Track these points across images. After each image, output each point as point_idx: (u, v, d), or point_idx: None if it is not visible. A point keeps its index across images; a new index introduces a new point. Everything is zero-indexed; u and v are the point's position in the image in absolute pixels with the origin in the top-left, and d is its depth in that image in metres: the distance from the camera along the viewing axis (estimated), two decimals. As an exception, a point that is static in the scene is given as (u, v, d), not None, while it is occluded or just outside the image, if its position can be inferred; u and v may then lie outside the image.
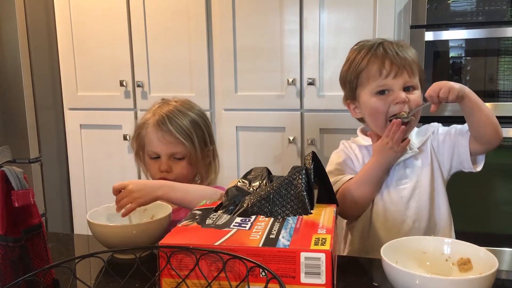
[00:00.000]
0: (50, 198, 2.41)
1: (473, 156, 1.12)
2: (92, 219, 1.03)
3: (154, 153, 1.29)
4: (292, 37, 1.99)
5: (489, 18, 1.72)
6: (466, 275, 0.79)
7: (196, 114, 1.32)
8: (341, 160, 1.19)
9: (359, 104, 1.17)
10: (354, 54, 1.16)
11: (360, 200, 1.12)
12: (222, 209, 0.87)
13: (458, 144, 1.13)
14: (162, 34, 2.16)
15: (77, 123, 2.35)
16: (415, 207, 1.13)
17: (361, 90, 1.15)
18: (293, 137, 2.02)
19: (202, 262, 0.71)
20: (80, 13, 2.26)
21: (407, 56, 1.11)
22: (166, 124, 1.26)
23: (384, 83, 1.10)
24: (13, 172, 0.70)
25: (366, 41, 1.18)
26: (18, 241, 0.72)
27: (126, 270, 0.77)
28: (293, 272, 0.69)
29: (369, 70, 1.12)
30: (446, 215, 1.17)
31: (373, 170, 1.10)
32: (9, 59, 2.21)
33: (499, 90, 1.75)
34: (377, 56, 1.11)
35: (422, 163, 1.15)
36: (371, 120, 1.15)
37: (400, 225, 1.12)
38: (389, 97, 1.10)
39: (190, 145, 1.26)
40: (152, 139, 1.28)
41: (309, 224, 0.79)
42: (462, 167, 1.15)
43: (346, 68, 1.18)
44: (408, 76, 1.10)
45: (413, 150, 1.14)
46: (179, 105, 1.32)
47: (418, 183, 1.14)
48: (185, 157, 1.28)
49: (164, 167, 1.27)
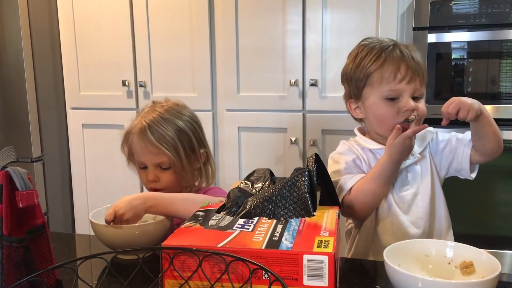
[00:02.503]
0: (52, 197, 2.41)
1: (471, 165, 1.12)
2: (94, 220, 1.03)
3: (141, 163, 1.28)
4: (295, 37, 1.99)
5: (492, 20, 1.72)
6: (468, 279, 0.79)
7: (183, 120, 1.28)
8: (350, 159, 1.16)
9: (363, 105, 1.14)
10: (365, 52, 1.12)
11: (373, 197, 1.10)
12: (224, 211, 0.88)
13: (459, 153, 1.12)
14: (164, 34, 2.16)
15: (79, 122, 2.35)
16: (417, 212, 1.13)
17: (369, 90, 1.12)
18: (295, 138, 2.02)
19: (205, 263, 0.71)
20: (83, 12, 2.27)
21: (420, 61, 1.10)
22: (147, 135, 1.23)
23: (397, 88, 1.08)
24: (18, 173, 0.70)
25: (376, 39, 1.14)
26: (22, 241, 0.72)
27: (129, 270, 0.77)
28: (296, 275, 0.69)
29: (384, 72, 1.09)
30: (445, 219, 1.17)
31: (388, 166, 1.08)
32: (12, 59, 2.21)
33: (501, 92, 1.75)
34: (394, 58, 1.08)
35: (422, 169, 1.15)
36: (377, 123, 1.14)
37: (404, 230, 1.12)
38: (398, 103, 1.09)
39: (174, 154, 1.23)
40: (136, 149, 1.26)
41: (312, 226, 0.79)
42: (458, 174, 1.16)
43: (353, 65, 1.14)
44: (419, 84, 1.09)
45: (415, 155, 1.13)
46: (165, 111, 1.27)
47: (420, 189, 1.14)
48: (172, 166, 1.25)
49: (151, 177, 1.26)
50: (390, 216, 1.14)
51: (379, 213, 1.15)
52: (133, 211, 1.03)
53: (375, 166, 1.10)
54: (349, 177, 1.12)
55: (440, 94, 1.80)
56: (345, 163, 1.15)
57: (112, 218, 1.02)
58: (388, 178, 1.09)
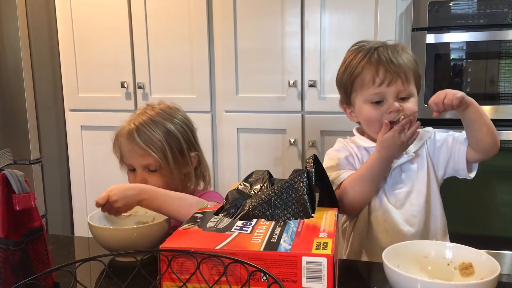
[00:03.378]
0: (50, 199, 2.41)
1: (468, 164, 1.12)
2: (93, 222, 1.03)
3: (129, 165, 1.29)
4: (293, 39, 1.99)
5: (490, 21, 1.72)
6: (468, 280, 0.78)
7: (174, 122, 1.28)
8: (343, 156, 1.18)
9: (354, 109, 1.17)
10: (351, 58, 1.15)
11: (362, 194, 1.11)
12: (223, 212, 0.87)
13: (456, 152, 1.12)
14: (163, 36, 2.16)
15: (78, 124, 2.35)
16: (411, 210, 1.13)
17: (355, 95, 1.14)
18: (294, 139, 2.02)
19: (203, 266, 0.71)
20: (81, 14, 2.26)
21: (402, 62, 1.09)
22: (134, 137, 1.25)
23: (378, 91, 1.09)
24: (14, 175, 0.70)
25: (365, 42, 1.16)
26: (19, 244, 0.72)
27: (127, 273, 0.76)
28: (294, 277, 0.69)
29: (363, 77, 1.11)
30: (441, 219, 1.17)
31: (376, 164, 1.09)
32: (10, 60, 2.21)
33: (500, 93, 1.75)
34: (371, 63, 1.10)
35: (417, 168, 1.15)
36: (366, 126, 1.16)
37: (397, 228, 1.12)
38: (382, 106, 1.10)
39: (161, 156, 1.23)
40: (124, 151, 1.29)
41: (311, 228, 0.78)
42: (457, 174, 1.16)
43: (342, 71, 1.17)
44: (402, 84, 1.09)
45: (409, 154, 1.13)
46: (156, 114, 1.28)
47: (414, 187, 1.14)
48: (159, 169, 1.26)
49: (138, 180, 1.26)
50: (382, 212, 1.14)
51: (371, 210, 1.15)
52: (125, 201, 1.03)
53: (365, 162, 1.12)
54: (340, 173, 1.14)
55: (439, 95, 1.80)
56: (338, 159, 1.18)
57: (104, 202, 1.03)
58: (377, 173, 1.10)
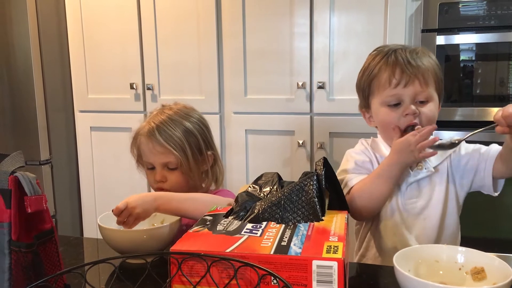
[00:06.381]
0: (60, 200, 2.42)
1: (494, 180, 1.08)
2: (102, 223, 1.03)
3: (149, 164, 1.30)
4: (302, 40, 1.98)
5: (500, 22, 1.70)
6: (480, 285, 0.78)
7: (192, 121, 1.31)
8: (361, 160, 1.15)
9: (372, 113, 1.15)
10: (369, 61, 1.13)
11: (370, 197, 1.08)
12: (233, 215, 0.87)
13: (481, 169, 1.08)
14: (172, 37, 2.16)
15: (87, 125, 2.36)
16: (423, 228, 1.11)
17: (372, 98, 1.13)
18: (303, 141, 2.02)
19: (214, 269, 0.71)
20: (91, 16, 2.28)
21: (421, 64, 1.06)
22: (155, 135, 1.26)
23: (394, 93, 1.07)
24: (26, 178, 0.70)
25: (384, 47, 1.14)
26: (30, 246, 0.72)
27: (137, 275, 0.77)
28: (304, 280, 0.68)
29: (380, 79, 1.09)
30: (454, 234, 1.14)
31: (386, 166, 1.06)
32: (20, 62, 2.23)
33: (510, 94, 1.73)
34: (388, 64, 1.08)
35: (435, 183, 1.12)
36: (382, 130, 1.14)
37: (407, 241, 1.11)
38: (399, 109, 1.07)
39: (182, 154, 1.26)
40: (144, 149, 1.30)
41: (321, 231, 0.78)
42: (481, 189, 1.12)
43: (361, 74, 1.15)
44: (419, 86, 1.06)
45: (428, 169, 1.10)
46: (174, 113, 1.30)
47: (429, 202, 1.11)
48: (179, 167, 1.27)
49: (158, 177, 1.28)
50: (391, 226, 1.12)
51: (381, 218, 1.13)
52: (144, 207, 1.04)
53: (380, 166, 1.09)
54: (353, 177, 1.12)
55: (448, 96, 1.79)
56: (355, 163, 1.15)
57: (123, 209, 1.03)
58: (387, 178, 1.06)
